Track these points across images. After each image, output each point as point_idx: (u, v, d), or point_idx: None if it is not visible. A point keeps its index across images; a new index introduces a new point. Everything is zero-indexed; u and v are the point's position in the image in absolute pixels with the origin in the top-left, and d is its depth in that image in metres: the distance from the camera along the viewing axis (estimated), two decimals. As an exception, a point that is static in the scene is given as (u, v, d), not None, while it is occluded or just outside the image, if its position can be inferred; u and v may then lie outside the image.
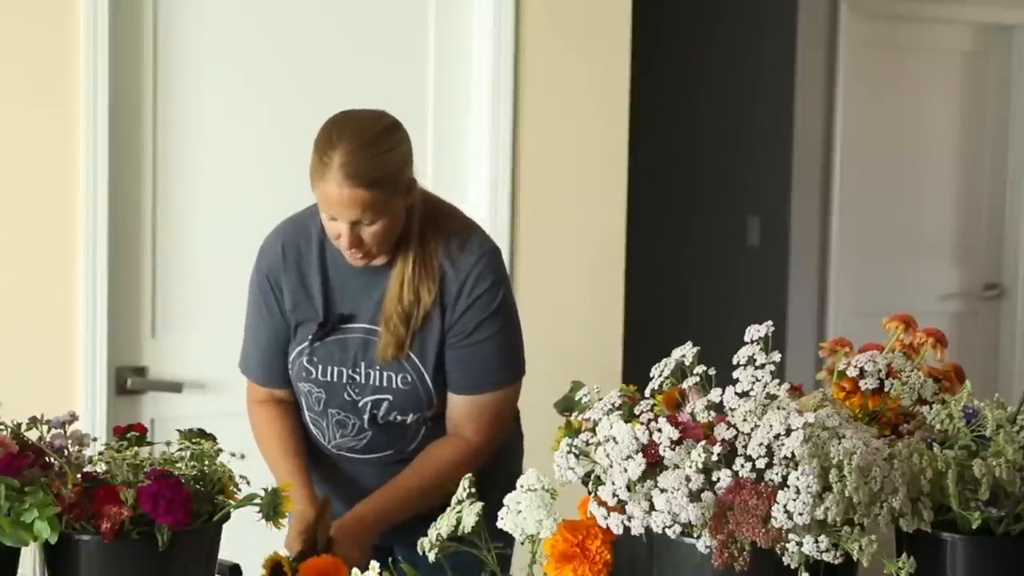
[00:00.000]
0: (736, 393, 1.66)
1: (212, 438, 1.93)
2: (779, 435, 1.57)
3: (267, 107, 3.41)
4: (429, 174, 3.32)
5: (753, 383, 1.66)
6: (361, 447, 2.51)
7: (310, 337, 2.47)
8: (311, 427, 2.55)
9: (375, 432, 2.49)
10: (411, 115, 3.62)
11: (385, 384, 2.45)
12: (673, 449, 1.60)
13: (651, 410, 1.67)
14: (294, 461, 2.49)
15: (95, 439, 1.91)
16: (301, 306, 2.48)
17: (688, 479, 1.57)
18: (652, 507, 1.58)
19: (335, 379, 2.47)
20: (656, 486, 1.59)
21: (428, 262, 2.42)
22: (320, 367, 2.47)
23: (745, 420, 1.60)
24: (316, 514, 2.33)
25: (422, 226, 2.44)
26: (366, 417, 2.47)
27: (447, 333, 2.44)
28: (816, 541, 1.52)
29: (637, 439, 1.62)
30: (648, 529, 1.60)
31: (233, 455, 1.90)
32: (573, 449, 1.67)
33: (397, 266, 2.42)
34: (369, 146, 2.34)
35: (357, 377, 2.46)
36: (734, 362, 1.69)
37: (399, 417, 2.47)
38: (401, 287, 2.41)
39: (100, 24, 3.14)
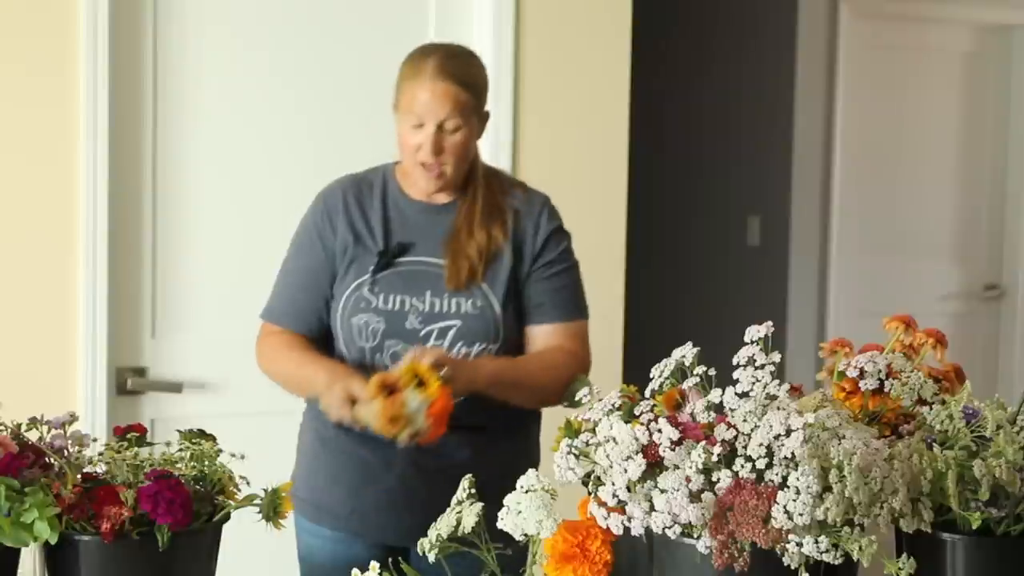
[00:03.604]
0: (736, 393, 1.66)
1: (212, 438, 1.93)
2: (779, 435, 1.57)
3: (267, 107, 3.41)
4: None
5: (753, 383, 1.66)
6: None
7: (371, 268, 2.51)
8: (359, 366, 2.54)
9: None
10: (411, 115, 3.63)
11: (454, 310, 2.49)
12: (673, 450, 1.60)
13: (651, 410, 1.67)
14: (310, 355, 2.53)
15: (95, 439, 1.90)
16: (362, 239, 2.54)
17: (688, 479, 1.57)
18: (652, 507, 1.58)
19: (397, 307, 2.50)
20: (656, 486, 1.59)
21: (496, 204, 2.57)
22: (381, 296, 2.51)
23: (745, 420, 1.60)
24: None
25: (486, 176, 2.60)
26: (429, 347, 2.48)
27: (531, 267, 2.55)
28: (816, 541, 1.52)
29: (637, 439, 1.62)
30: (648, 529, 1.60)
31: (233, 455, 1.90)
32: (573, 449, 1.67)
33: (465, 205, 2.55)
34: (460, 56, 2.56)
35: (421, 306, 2.50)
36: (734, 362, 1.69)
37: (464, 348, 2.49)
38: (472, 224, 2.53)
39: (100, 24, 3.14)
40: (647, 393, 1.79)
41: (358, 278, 2.53)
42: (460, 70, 2.51)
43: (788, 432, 1.57)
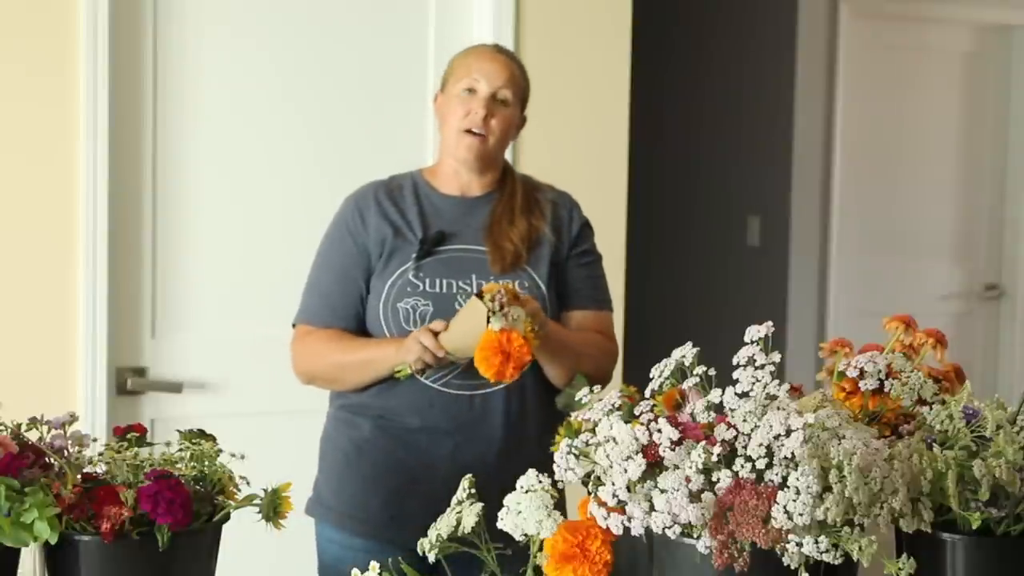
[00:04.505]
0: (736, 393, 1.66)
1: (212, 438, 1.92)
2: (779, 435, 1.57)
3: (267, 107, 3.41)
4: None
5: (753, 383, 1.66)
6: (461, 368, 2.51)
7: (414, 255, 2.55)
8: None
9: None
10: (411, 115, 3.63)
11: None
12: (673, 450, 1.60)
13: (651, 410, 1.67)
14: (363, 339, 2.57)
15: (95, 439, 1.90)
16: (400, 231, 2.58)
17: (688, 479, 1.57)
18: (652, 507, 1.58)
19: (444, 290, 2.54)
20: (656, 486, 1.58)
21: (532, 196, 2.67)
22: (427, 280, 2.54)
23: (745, 420, 1.60)
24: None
25: (520, 176, 2.72)
26: None
27: (569, 253, 2.64)
28: (816, 541, 1.52)
29: (637, 439, 1.62)
30: (648, 529, 1.60)
31: (233, 455, 1.90)
32: (573, 450, 1.67)
33: (504, 198, 2.63)
34: (514, 53, 2.77)
35: (468, 288, 2.54)
36: (734, 362, 1.69)
37: None
38: (512, 214, 2.61)
39: (100, 24, 3.14)
40: (647, 393, 1.79)
41: (401, 266, 2.55)
42: (516, 57, 2.72)
43: (788, 432, 1.57)
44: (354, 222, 2.60)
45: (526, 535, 1.73)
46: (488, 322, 2.33)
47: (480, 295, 2.38)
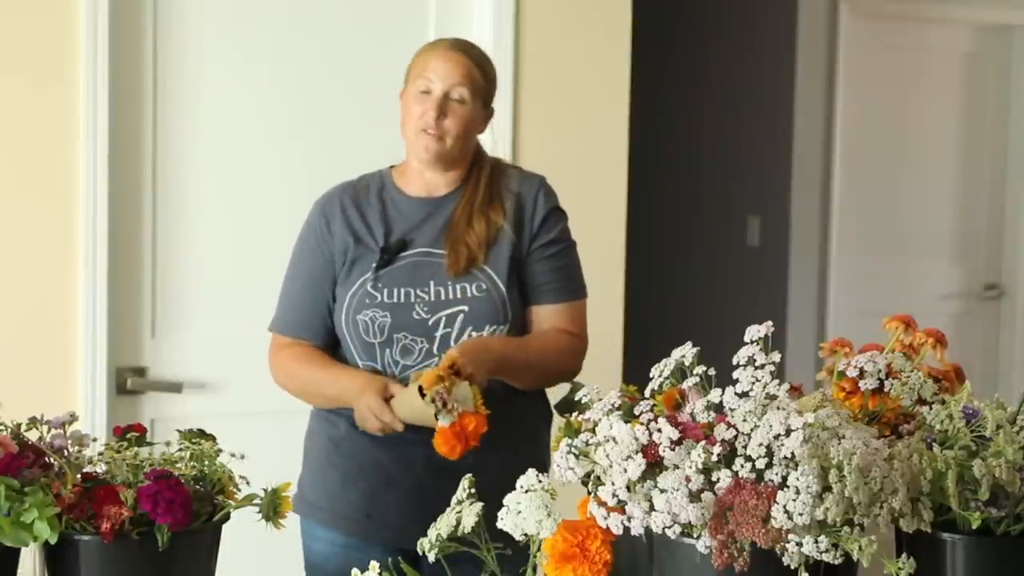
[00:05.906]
0: (736, 393, 1.66)
1: (212, 438, 1.93)
2: (779, 435, 1.57)
3: (267, 107, 3.41)
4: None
5: (753, 383, 1.66)
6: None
7: (374, 265, 2.54)
8: (370, 367, 2.56)
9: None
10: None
11: (459, 296, 2.52)
12: (673, 449, 1.60)
13: (651, 410, 1.67)
14: (330, 373, 2.56)
15: (95, 439, 1.90)
16: (362, 239, 2.56)
17: (688, 479, 1.57)
18: (652, 507, 1.58)
19: (402, 300, 2.52)
20: (656, 486, 1.59)
21: (495, 191, 2.60)
22: (385, 291, 2.53)
23: (745, 420, 1.60)
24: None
25: (489, 167, 2.64)
26: (438, 336, 2.51)
27: (531, 246, 2.59)
28: (816, 541, 1.52)
29: (637, 439, 1.62)
30: (648, 529, 1.60)
31: (233, 455, 1.90)
32: (573, 449, 1.67)
33: (466, 195, 2.58)
34: (477, 47, 2.66)
35: (426, 296, 2.52)
36: (734, 362, 1.69)
37: (474, 332, 2.50)
38: (470, 214, 2.56)
39: (100, 24, 3.14)
40: (647, 393, 1.79)
41: (361, 276, 2.54)
42: (475, 52, 2.61)
43: (788, 432, 1.57)
44: (320, 230, 2.60)
45: (526, 535, 1.73)
46: (437, 419, 2.30)
47: (422, 392, 2.32)
